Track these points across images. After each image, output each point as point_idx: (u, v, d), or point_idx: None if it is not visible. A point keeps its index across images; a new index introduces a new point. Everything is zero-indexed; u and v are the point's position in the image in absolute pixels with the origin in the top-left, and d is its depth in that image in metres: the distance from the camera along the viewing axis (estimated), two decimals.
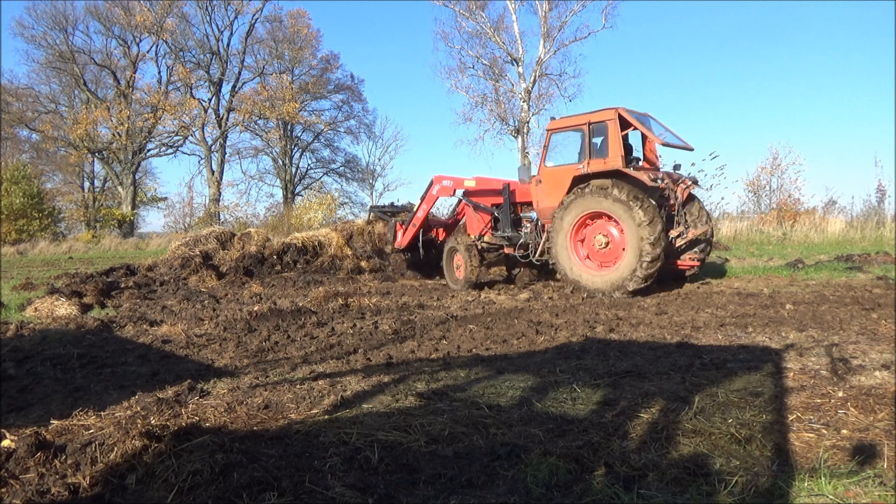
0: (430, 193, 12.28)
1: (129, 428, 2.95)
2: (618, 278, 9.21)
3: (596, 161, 9.77)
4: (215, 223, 33.14)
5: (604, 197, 9.30)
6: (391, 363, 5.09)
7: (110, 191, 48.19)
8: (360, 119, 50.68)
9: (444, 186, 12.08)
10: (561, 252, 9.86)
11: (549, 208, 10.30)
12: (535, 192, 10.64)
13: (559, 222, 9.83)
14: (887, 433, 3.11)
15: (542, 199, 10.54)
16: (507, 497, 2.48)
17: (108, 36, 42.80)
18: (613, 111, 9.74)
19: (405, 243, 12.88)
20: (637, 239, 8.97)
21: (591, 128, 9.94)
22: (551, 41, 32.43)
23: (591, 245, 9.73)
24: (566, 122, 10.48)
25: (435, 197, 12.35)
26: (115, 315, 8.31)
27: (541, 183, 10.51)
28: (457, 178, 12.05)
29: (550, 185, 10.35)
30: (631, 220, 9.01)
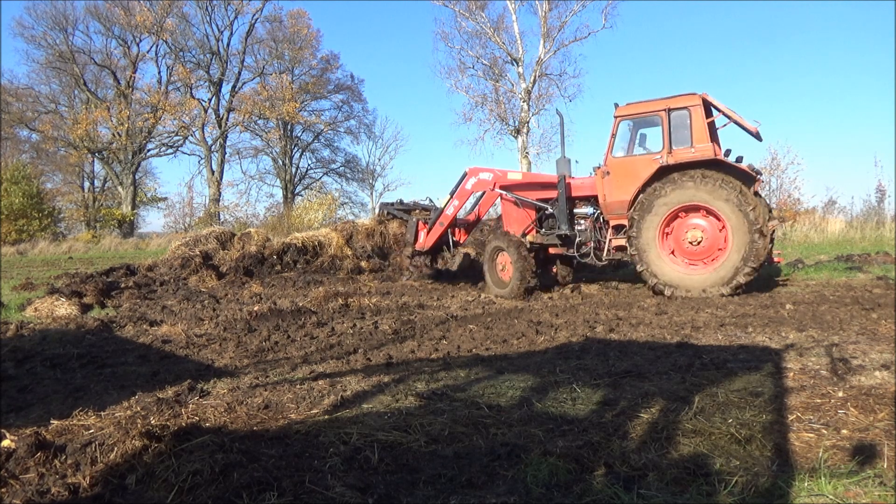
0: (462, 188, 10.96)
1: (129, 428, 2.95)
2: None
3: (682, 150, 9.05)
4: (215, 223, 33.15)
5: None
6: (391, 363, 5.09)
7: (110, 191, 48.19)
8: (360, 119, 50.72)
9: (481, 180, 10.81)
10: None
11: (618, 202, 9.55)
12: (602, 185, 9.70)
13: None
14: (887, 433, 3.11)
15: (610, 192, 9.64)
16: (507, 497, 2.48)
17: (108, 36, 42.86)
18: (697, 96, 9.15)
19: (429, 244, 11.27)
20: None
21: (670, 114, 9.20)
22: (551, 41, 32.43)
23: (679, 241, 9.02)
24: (638, 108, 9.64)
25: (469, 192, 11.01)
26: (115, 315, 8.31)
27: (608, 175, 9.61)
28: (498, 171, 10.86)
29: (621, 177, 9.49)
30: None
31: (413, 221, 11.60)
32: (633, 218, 9.18)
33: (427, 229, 11.29)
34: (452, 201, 11.08)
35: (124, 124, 41.54)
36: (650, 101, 9.54)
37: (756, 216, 8.45)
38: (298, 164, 50.20)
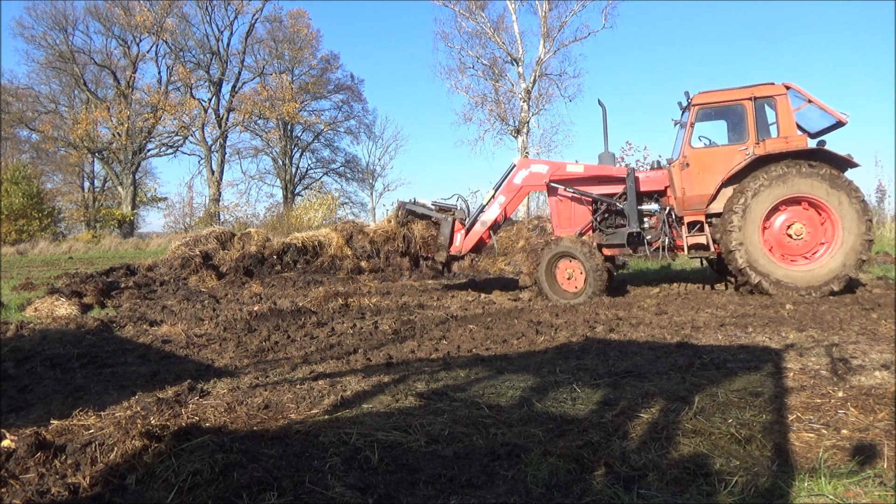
0: (510, 182, 9.81)
1: (129, 428, 2.95)
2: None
3: (773, 141, 8.67)
4: (215, 223, 33.15)
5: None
6: (391, 363, 5.09)
7: (110, 191, 48.20)
8: (360, 119, 50.75)
9: (533, 173, 9.71)
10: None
11: (698, 197, 9.05)
12: (680, 178, 9.14)
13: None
14: (887, 433, 3.11)
15: (690, 185, 9.07)
16: (507, 497, 2.48)
17: (108, 36, 42.90)
18: (781, 86, 8.85)
19: (468, 248, 9.90)
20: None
21: (756, 103, 8.82)
22: (551, 41, 32.44)
23: (779, 236, 8.61)
24: (718, 96, 9.15)
25: (518, 187, 9.85)
26: (115, 315, 8.31)
27: (688, 167, 9.07)
28: (554, 163, 9.82)
29: (701, 169, 8.99)
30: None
31: (449, 222, 9.86)
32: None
33: (465, 231, 9.84)
34: (497, 198, 9.80)
35: (124, 124, 41.56)
36: (731, 90, 9.11)
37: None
38: (298, 164, 50.27)
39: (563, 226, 9.85)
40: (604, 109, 9.80)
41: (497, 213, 9.82)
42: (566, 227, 9.80)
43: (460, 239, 9.86)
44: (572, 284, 9.10)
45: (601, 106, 9.80)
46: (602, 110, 9.80)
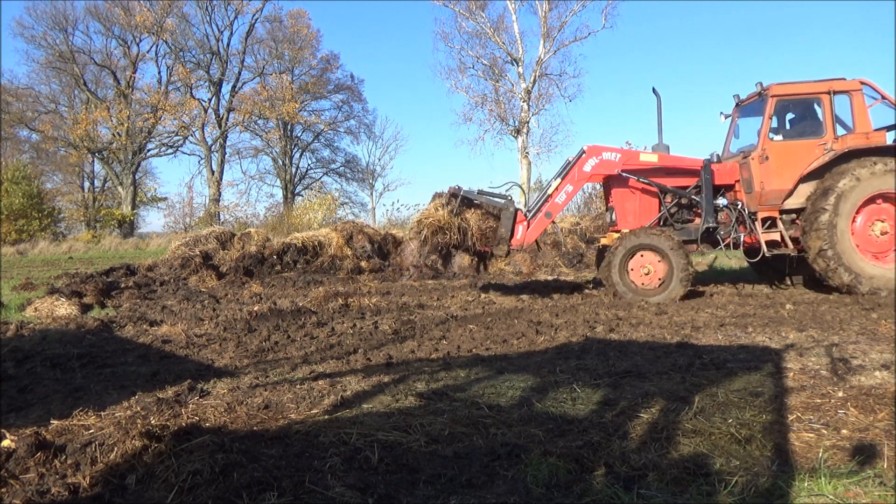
0: (579, 170, 9.04)
1: (129, 428, 2.95)
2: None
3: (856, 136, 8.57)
4: (215, 223, 33.13)
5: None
6: (391, 363, 5.09)
7: (110, 191, 48.18)
8: (360, 119, 50.71)
9: (604, 161, 9.05)
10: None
11: (777, 191, 8.80)
12: (759, 171, 8.84)
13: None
14: (887, 433, 3.11)
15: (768, 179, 8.78)
16: (507, 497, 2.48)
17: (108, 36, 42.87)
18: (857, 81, 8.75)
19: (531, 241, 9.16)
20: None
21: (832, 97, 8.66)
22: (551, 41, 32.44)
23: (863, 234, 8.47)
24: (796, 88, 8.95)
25: (588, 175, 9.17)
26: (115, 315, 8.31)
27: (767, 160, 8.78)
28: (626, 151, 9.35)
29: (781, 163, 8.74)
30: None
31: (511, 212, 8.94)
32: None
33: (527, 222, 9.02)
34: (564, 186, 9.05)
35: (124, 124, 41.54)
36: (808, 83, 8.94)
37: None
38: (298, 164, 50.24)
39: (628, 219, 9.36)
40: (658, 99, 9.42)
41: (563, 202, 9.22)
42: (631, 220, 9.32)
43: (522, 231, 9.00)
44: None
45: (656, 95, 9.43)
46: (657, 99, 9.41)
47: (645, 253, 8.64)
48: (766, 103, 8.91)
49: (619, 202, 9.45)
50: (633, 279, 8.65)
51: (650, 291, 8.55)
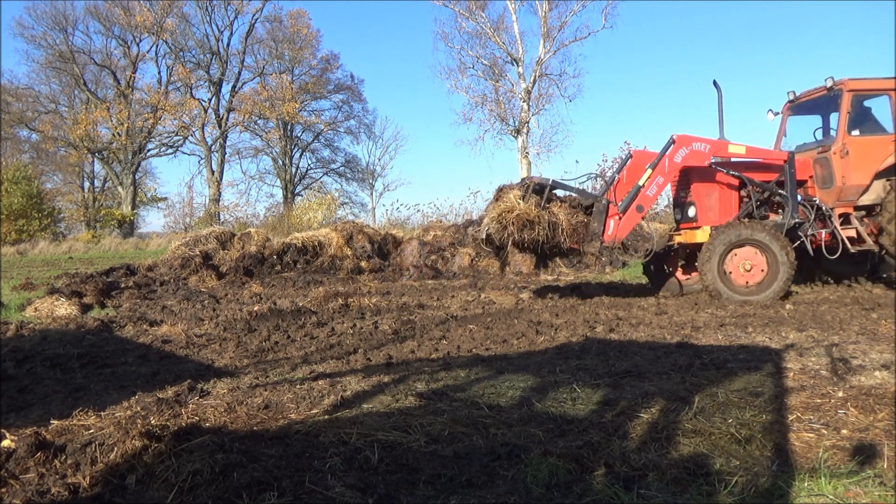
0: (670, 160, 8.56)
1: (129, 428, 2.95)
2: None
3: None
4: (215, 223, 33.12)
5: None
6: (391, 363, 5.09)
7: (110, 191, 48.19)
8: (360, 119, 50.72)
9: (694, 151, 8.64)
10: None
11: (856, 187, 8.79)
12: (840, 166, 8.79)
13: None
14: (887, 433, 3.11)
15: (849, 175, 8.74)
16: (507, 497, 2.48)
17: (108, 36, 42.91)
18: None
19: (623, 236, 8.58)
20: None
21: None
22: (551, 41, 32.46)
23: None
24: (869, 84, 9.02)
25: (678, 166, 8.73)
26: (115, 315, 8.31)
27: (847, 155, 8.74)
28: (715, 141, 8.88)
29: (861, 158, 8.73)
30: None
31: (604, 205, 8.35)
32: None
33: (617, 216, 8.39)
34: (655, 178, 8.50)
35: (124, 124, 41.55)
36: (878, 79, 9.04)
37: None
38: (298, 164, 50.26)
39: (709, 214, 8.92)
40: (719, 92, 9.16)
41: (654, 195, 8.71)
42: (712, 215, 8.90)
43: (614, 225, 8.40)
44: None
45: (717, 88, 9.18)
46: (717, 93, 9.17)
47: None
48: (841, 98, 8.84)
49: (701, 196, 9.01)
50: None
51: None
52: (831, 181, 8.90)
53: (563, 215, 8.19)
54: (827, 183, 8.97)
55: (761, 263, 8.23)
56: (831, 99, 9.18)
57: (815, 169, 9.14)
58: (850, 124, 8.88)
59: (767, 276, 8.19)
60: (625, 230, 8.48)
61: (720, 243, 8.18)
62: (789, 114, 10.07)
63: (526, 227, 7.93)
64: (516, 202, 8.05)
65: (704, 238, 8.55)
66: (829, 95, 9.09)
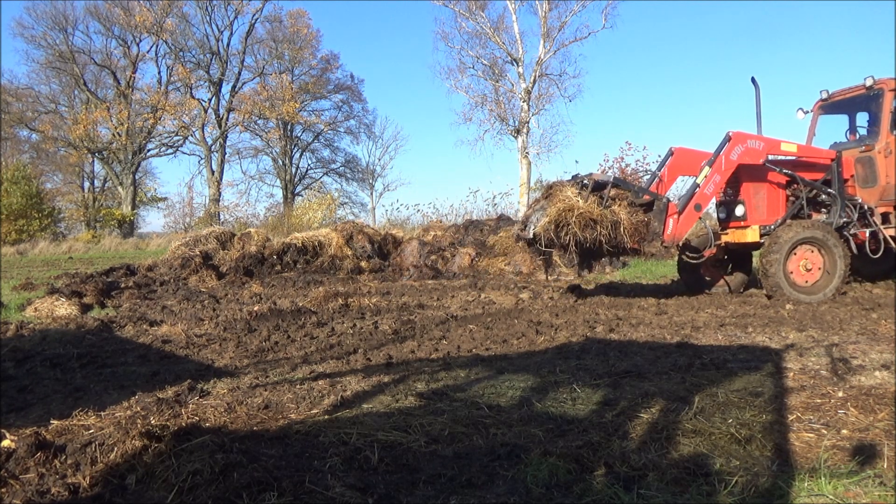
0: (727, 157, 8.35)
1: (129, 428, 2.95)
2: None
3: None
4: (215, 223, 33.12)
5: None
6: (391, 363, 5.09)
7: (110, 191, 48.18)
8: (360, 119, 50.72)
9: (749, 149, 8.49)
10: None
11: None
12: (885, 165, 8.76)
13: None
14: (887, 433, 3.11)
15: (893, 173, 8.74)
16: (507, 497, 2.48)
17: (108, 36, 42.89)
18: None
19: (682, 235, 8.29)
20: None
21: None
22: (551, 41, 32.41)
23: None
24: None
25: (735, 163, 8.48)
26: (115, 315, 8.31)
27: (892, 154, 8.73)
28: (768, 139, 8.73)
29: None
30: None
31: (664, 203, 8.13)
32: None
33: (676, 215, 8.16)
34: (713, 176, 8.33)
35: (124, 124, 41.55)
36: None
37: None
38: (298, 164, 50.26)
39: (757, 213, 8.82)
40: (757, 89, 9.05)
41: (712, 192, 8.46)
42: (760, 214, 8.80)
43: (673, 224, 8.14)
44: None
45: (755, 85, 9.06)
46: (755, 90, 9.07)
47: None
48: (883, 97, 8.82)
49: (752, 194, 8.87)
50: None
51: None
52: (875, 180, 8.86)
53: (624, 214, 7.94)
54: (870, 182, 8.92)
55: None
56: (869, 98, 9.14)
57: (857, 168, 9.05)
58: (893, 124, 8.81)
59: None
60: (684, 229, 8.28)
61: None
62: (820, 112, 10.01)
63: (588, 226, 7.67)
64: (576, 200, 7.79)
65: (755, 237, 8.54)
66: (867, 94, 9.06)
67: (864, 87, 8.97)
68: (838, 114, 10.03)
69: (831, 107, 9.93)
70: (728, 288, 9.45)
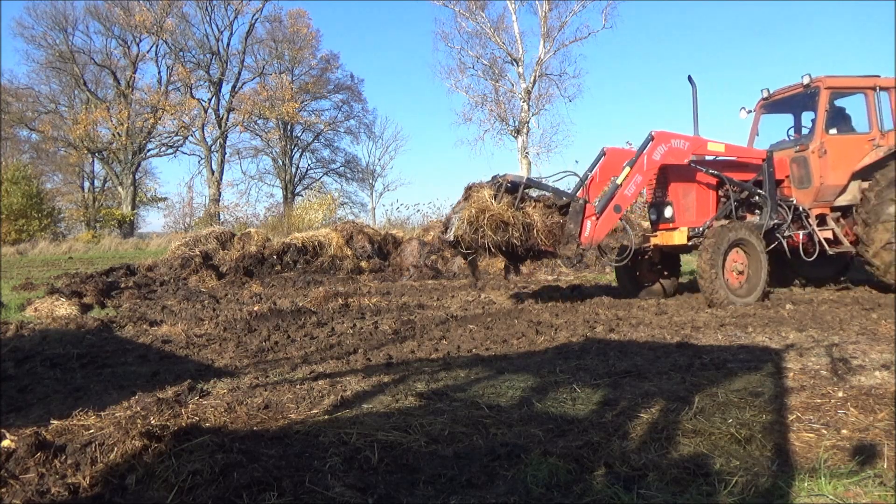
0: (649, 157, 8.07)
1: (129, 428, 2.95)
2: None
3: None
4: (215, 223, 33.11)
5: None
6: (391, 363, 5.09)
7: (110, 191, 48.19)
8: (359, 119, 50.73)
9: (673, 149, 8.20)
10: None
11: (833, 187, 8.60)
12: (819, 166, 8.58)
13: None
14: (887, 433, 3.10)
15: (827, 174, 8.54)
16: (507, 497, 2.48)
17: (108, 36, 42.93)
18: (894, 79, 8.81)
19: (601, 237, 7.98)
20: None
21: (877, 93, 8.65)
22: (551, 41, 32.45)
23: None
24: (845, 81, 8.88)
25: (657, 163, 8.23)
26: (115, 315, 8.31)
27: (826, 154, 8.52)
28: (694, 138, 8.46)
29: (839, 157, 8.54)
30: None
31: (580, 205, 7.74)
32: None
33: (595, 216, 7.81)
34: (633, 176, 8.00)
35: (124, 124, 41.56)
36: (855, 77, 8.92)
37: None
38: (298, 164, 50.27)
39: (686, 215, 8.62)
40: (694, 87, 8.84)
41: (632, 194, 8.19)
42: (689, 216, 8.60)
43: (591, 227, 7.79)
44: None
45: (691, 83, 8.85)
46: (692, 88, 8.84)
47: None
48: (819, 96, 8.66)
49: (679, 195, 8.68)
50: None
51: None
52: (809, 181, 8.71)
53: (537, 216, 7.68)
54: (804, 183, 8.78)
55: (747, 265, 8.08)
56: (807, 97, 8.95)
57: (792, 168, 8.91)
58: (828, 123, 8.69)
59: (751, 277, 8.05)
60: (602, 231, 7.97)
61: (722, 243, 7.78)
62: (763, 112, 9.80)
63: (500, 229, 7.41)
64: (490, 202, 7.49)
65: (682, 240, 8.31)
66: (805, 93, 8.88)
67: (802, 85, 8.77)
68: (781, 113, 9.82)
69: (773, 106, 9.73)
70: (663, 291, 9.23)
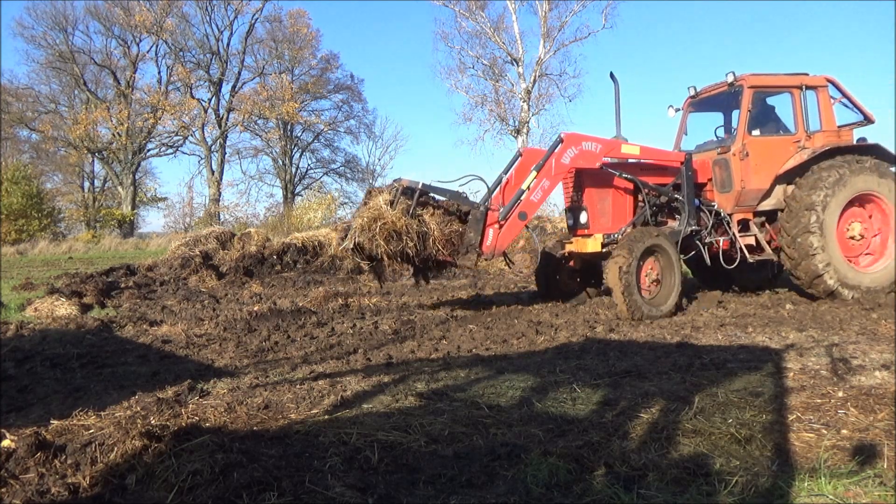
0: (557, 161, 7.55)
1: (129, 428, 2.95)
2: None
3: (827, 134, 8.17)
4: (215, 223, 33.10)
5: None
6: (391, 363, 5.09)
7: (110, 191, 48.18)
8: (359, 119, 50.69)
9: (584, 151, 7.67)
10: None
11: (756, 191, 8.12)
12: (740, 169, 8.06)
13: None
14: (887, 433, 3.11)
15: (748, 178, 8.05)
16: (507, 497, 2.48)
17: (108, 36, 42.90)
18: (823, 77, 8.38)
19: (504, 246, 7.52)
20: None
21: (804, 92, 8.19)
22: (551, 41, 32.45)
23: (842, 237, 7.91)
24: (770, 80, 8.37)
25: (566, 167, 7.69)
26: (115, 315, 8.31)
27: (748, 157, 8.03)
28: (607, 141, 7.93)
29: (762, 160, 8.05)
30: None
31: (481, 212, 7.29)
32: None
33: (498, 224, 7.35)
34: (541, 181, 7.48)
35: (124, 124, 41.55)
36: (780, 76, 8.42)
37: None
38: (298, 164, 50.22)
39: (601, 220, 8.11)
40: (616, 85, 8.44)
41: (539, 200, 7.67)
42: (605, 222, 8.10)
43: (493, 235, 7.34)
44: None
45: (614, 80, 8.47)
46: (615, 86, 8.44)
47: (657, 257, 7.45)
48: (742, 95, 8.16)
49: (594, 200, 8.15)
50: (644, 288, 7.31)
51: (656, 302, 7.32)
52: (730, 185, 8.21)
53: (434, 224, 7.22)
54: (726, 186, 8.28)
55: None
56: (731, 96, 8.49)
57: (714, 171, 8.41)
58: (752, 123, 8.22)
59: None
60: (506, 240, 7.46)
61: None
62: (690, 110, 9.27)
63: (393, 238, 6.95)
64: (384, 209, 7.05)
65: (596, 247, 7.85)
66: (730, 91, 8.39)
67: (726, 83, 8.30)
68: (709, 111, 9.39)
69: (701, 104, 9.24)
70: (588, 297, 8.76)
